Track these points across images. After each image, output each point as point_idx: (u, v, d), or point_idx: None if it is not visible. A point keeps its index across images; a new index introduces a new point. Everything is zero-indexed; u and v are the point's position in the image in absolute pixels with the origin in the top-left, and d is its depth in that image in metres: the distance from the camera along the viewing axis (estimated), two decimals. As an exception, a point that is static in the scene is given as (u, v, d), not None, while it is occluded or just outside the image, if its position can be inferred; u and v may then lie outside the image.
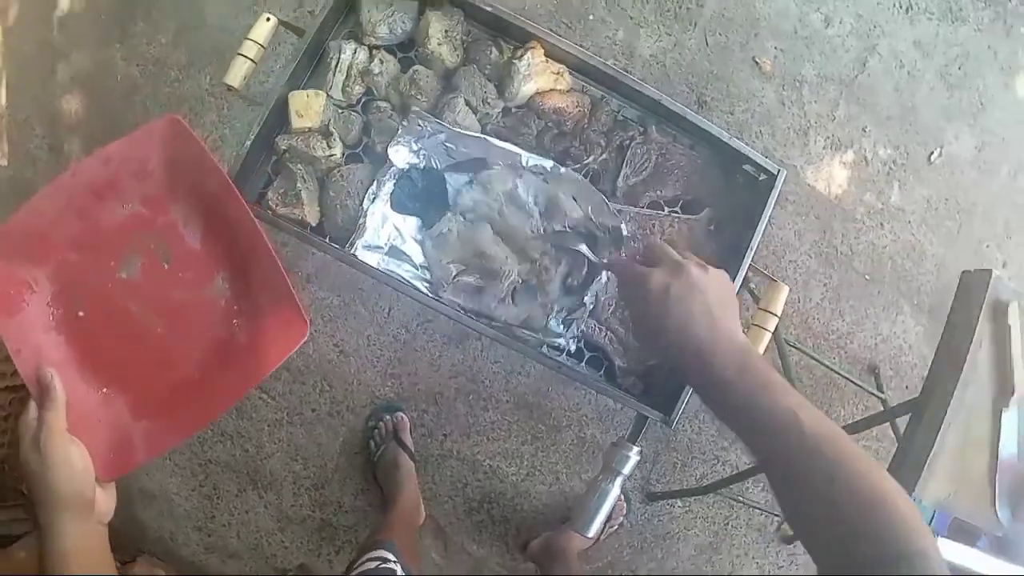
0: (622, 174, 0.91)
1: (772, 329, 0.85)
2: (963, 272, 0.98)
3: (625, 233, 0.91)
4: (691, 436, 1.60)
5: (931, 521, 1.03)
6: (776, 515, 1.59)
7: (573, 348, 0.91)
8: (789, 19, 1.66)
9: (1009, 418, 0.92)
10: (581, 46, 1.58)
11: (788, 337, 1.56)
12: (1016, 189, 1.71)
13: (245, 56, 0.87)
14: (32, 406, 0.63)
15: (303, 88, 0.89)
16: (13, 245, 0.66)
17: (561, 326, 0.90)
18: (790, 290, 1.57)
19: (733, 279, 0.87)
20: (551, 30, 1.59)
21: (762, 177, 0.91)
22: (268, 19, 0.89)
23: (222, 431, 1.54)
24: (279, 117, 0.89)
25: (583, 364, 0.91)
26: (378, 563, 0.96)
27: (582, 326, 0.89)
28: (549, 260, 0.89)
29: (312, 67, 0.92)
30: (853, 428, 1.19)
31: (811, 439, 0.49)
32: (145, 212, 0.71)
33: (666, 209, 0.94)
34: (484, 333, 0.86)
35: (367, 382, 1.54)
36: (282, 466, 1.55)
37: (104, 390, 0.68)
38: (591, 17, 1.61)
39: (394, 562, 0.97)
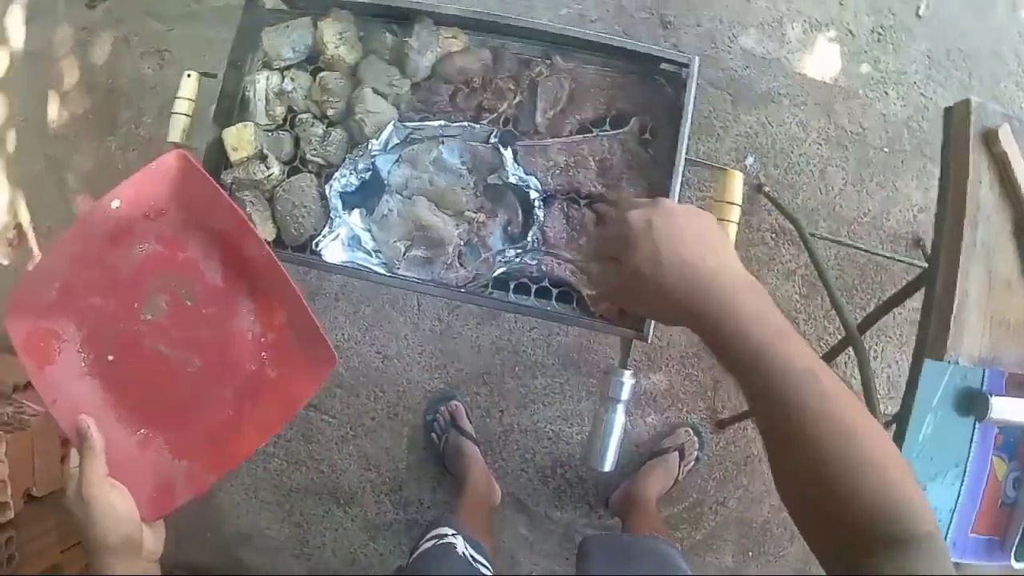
0: (539, 110, 0.91)
1: (735, 220, 0.82)
2: (944, 109, 0.91)
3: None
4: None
5: (983, 385, 0.98)
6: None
7: (508, 284, 0.89)
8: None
9: (1036, 245, 0.85)
10: (530, 4, 1.60)
11: (817, 231, 1.52)
12: (1017, 20, 1.61)
13: (179, 113, 0.94)
14: (73, 455, 0.63)
15: (235, 123, 0.94)
16: (35, 298, 0.67)
17: (510, 265, 0.89)
18: (808, 183, 1.55)
19: (671, 176, 0.83)
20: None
21: (683, 72, 0.89)
22: (189, 75, 0.96)
23: (295, 459, 1.62)
24: (221, 155, 0.94)
25: (553, 302, 0.89)
26: (435, 541, 0.97)
27: (542, 265, 0.88)
28: (486, 214, 0.90)
29: (238, 103, 0.97)
30: (896, 299, 1.15)
31: (830, 401, 0.45)
32: (163, 251, 0.70)
33: (594, 131, 0.91)
34: (449, 298, 0.87)
35: (415, 379, 1.58)
36: (358, 478, 1.60)
37: (142, 431, 0.68)
38: (535, -28, 1.61)
39: (453, 535, 0.98)
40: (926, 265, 1.46)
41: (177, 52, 1.75)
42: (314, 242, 0.91)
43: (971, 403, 0.97)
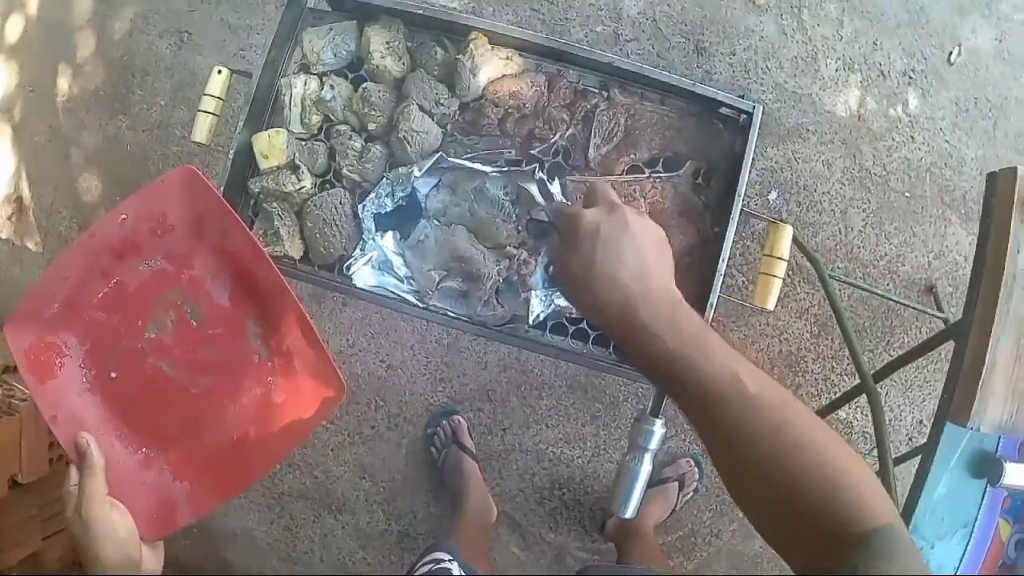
0: (592, 144, 0.88)
1: (781, 275, 0.80)
2: (988, 174, 0.90)
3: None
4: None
5: (997, 449, 0.98)
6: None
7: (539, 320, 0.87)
8: (773, -55, 1.60)
9: (1068, 320, 0.84)
10: (565, 19, 1.58)
11: (834, 272, 1.51)
12: (1050, 72, 1.61)
13: (206, 111, 0.90)
14: (72, 472, 0.61)
15: (266, 128, 0.90)
16: (39, 310, 0.65)
17: (551, 308, 0.87)
18: (829, 222, 1.54)
19: (725, 226, 0.82)
20: (532, 10, 1.58)
21: (741, 118, 0.87)
22: (220, 71, 0.92)
23: (289, 462, 1.59)
24: (249, 161, 0.89)
25: (590, 345, 0.87)
26: (431, 565, 0.95)
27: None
28: (528, 252, 0.87)
29: (271, 106, 0.93)
30: (916, 352, 1.14)
31: (755, 402, 0.44)
32: (169, 269, 0.68)
33: (647, 171, 0.89)
34: (484, 336, 0.85)
35: (419, 391, 1.55)
36: (352, 486, 1.58)
37: (143, 451, 0.66)
38: (571, -13, 1.58)
39: (449, 561, 0.96)
40: (940, 314, 1.47)
41: (197, 35, 1.70)
42: (345, 265, 0.87)
43: (985, 467, 0.97)
